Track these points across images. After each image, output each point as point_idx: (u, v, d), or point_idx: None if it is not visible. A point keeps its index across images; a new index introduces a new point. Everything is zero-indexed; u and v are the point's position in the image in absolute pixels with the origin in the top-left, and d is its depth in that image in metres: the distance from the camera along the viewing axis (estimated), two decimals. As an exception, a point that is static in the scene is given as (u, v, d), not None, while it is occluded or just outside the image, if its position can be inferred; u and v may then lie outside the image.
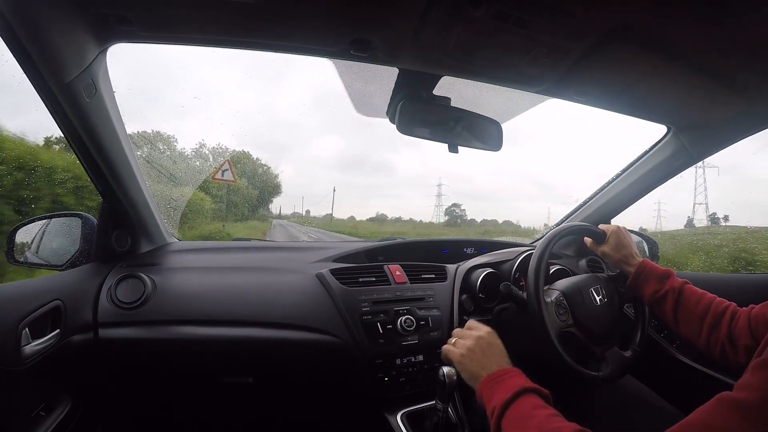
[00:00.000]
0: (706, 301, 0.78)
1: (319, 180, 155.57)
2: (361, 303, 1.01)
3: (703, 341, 0.76)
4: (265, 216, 22.47)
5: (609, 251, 0.91)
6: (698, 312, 0.77)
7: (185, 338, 0.92)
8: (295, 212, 37.63)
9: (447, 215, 48.20)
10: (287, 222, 25.79)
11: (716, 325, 0.74)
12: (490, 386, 0.61)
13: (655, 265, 0.85)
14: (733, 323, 0.73)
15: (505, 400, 0.56)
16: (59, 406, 0.87)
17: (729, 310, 0.75)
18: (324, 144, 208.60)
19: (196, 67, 66.11)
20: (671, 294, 0.81)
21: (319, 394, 1.12)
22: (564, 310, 0.87)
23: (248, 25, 0.69)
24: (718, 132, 1.00)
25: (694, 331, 0.77)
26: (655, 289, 0.83)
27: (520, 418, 0.55)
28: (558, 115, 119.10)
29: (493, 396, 0.59)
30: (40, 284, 0.85)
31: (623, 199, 1.31)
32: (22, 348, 0.73)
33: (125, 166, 0.92)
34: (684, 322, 0.79)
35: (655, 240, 1.36)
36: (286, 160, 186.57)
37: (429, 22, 0.65)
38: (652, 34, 0.66)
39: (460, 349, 0.71)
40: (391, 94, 0.90)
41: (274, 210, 29.99)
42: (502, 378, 0.62)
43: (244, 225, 11.65)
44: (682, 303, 0.79)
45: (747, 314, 0.72)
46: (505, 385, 0.60)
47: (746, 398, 0.42)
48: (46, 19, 0.61)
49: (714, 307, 0.76)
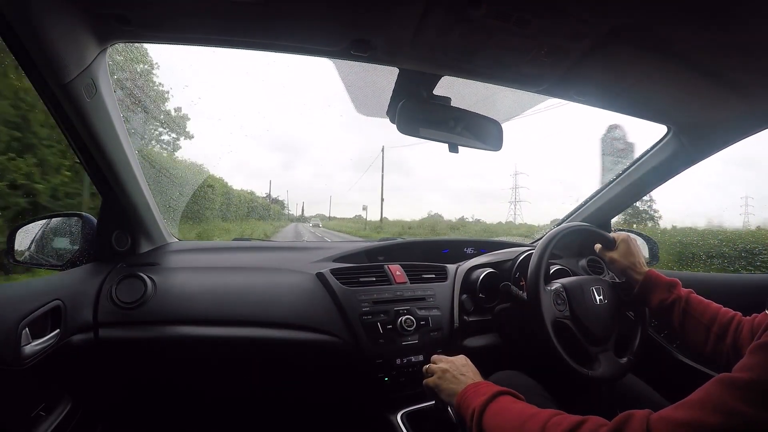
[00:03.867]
0: (712, 311, 0.78)
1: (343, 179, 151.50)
2: (362, 303, 1.01)
3: (710, 350, 0.76)
4: (275, 215, 20.65)
5: (618, 258, 0.92)
6: (705, 321, 0.77)
7: (185, 338, 0.92)
8: (319, 213, 35.19)
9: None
10: (311, 226, 22.71)
11: (722, 334, 0.75)
12: (466, 395, 0.64)
13: (662, 275, 0.86)
14: (738, 332, 0.73)
15: (483, 402, 0.59)
16: (59, 406, 0.87)
17: (735, 319, 0.75)
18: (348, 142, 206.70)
19: (197, 67, 66.11)
20: (678, 303, 0.81)
21: (320, 394, 1.12)
22: (562, 300, 0.88)
23: (248, 25, 0.69)
24: (718, 132, 1.00)
25: (701, 340, 0.78)
26: (662, 298, 0.83)
27: (499, 411, 0.58)
28: (558, 115, 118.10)
29: (471, 401, 0.62)
30: (40, 284, 0.85)
31: (623, 199, 1.31)
32: (22, 348, 0.73)
33: (125, 166, 0.92)
34: (691, 331, 0.79)
35: (656, 240, 1.37)
36: (307, 160, 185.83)
37: (429, 22, 0.65)
38: (652, 34, 0.66)
39: (436, 372, 0.74)
40: (392, 94, 0.90)
41: (295, 210, 27.59)
42: (477, 386, 0.65)
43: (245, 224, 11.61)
44: (689, 312, 0.80)
45: (750, 323, 0.72)
46: (481, 390, 0.63)
47: (745, 378, 0.42)
48: (46, 19, 0.61)
49: (720, 316, 0.77)
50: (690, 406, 0.44)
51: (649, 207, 12.39)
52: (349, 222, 32.66)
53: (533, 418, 0.53)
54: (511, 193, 36.40)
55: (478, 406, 0.59)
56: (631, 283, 0.90)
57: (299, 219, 28.50)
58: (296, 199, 28.39)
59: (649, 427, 0.44)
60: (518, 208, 35.50)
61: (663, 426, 0.44)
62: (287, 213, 26.34)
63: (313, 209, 34.00)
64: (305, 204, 34.99)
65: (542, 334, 0.83)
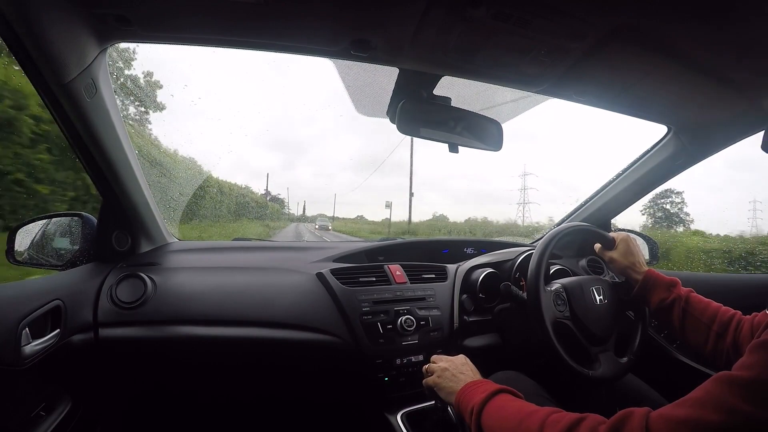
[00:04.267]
0: (712, 310, 0.78)
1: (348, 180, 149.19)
2: (362, 303, 1.01)
3: (710, 349, 0.76)
4: (274, 215, 19.60)
5: (617, 257, 0.92)
6: (705, 320, 0.77)
7: (185, 338, 0.92)
8: (321, 213, 34.02)
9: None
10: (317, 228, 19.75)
11: (723, 333, 0.75)
12: (465, 393, 0.64)
13: (662, 274, 0.86)
14: (738, 331, 0.73)
15: (482, 399, 0.60)
16: (59, 406, 0.87)
17: (735, 318, 0.75)
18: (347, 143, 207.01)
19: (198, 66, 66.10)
20: (678, 302, 0.81)
21: (319, 394, 1.12)
22: (562, 301, 0.89)
23: (248, 25, 0.69)
24: (718, 132, 1.00)
25: (701, 339, 0.78)
26: (662, 297, 0.83)
27: (498, 409, 0.58)
28: (557, 115, 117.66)
29: (471, 399, 0.62)
30: (40, 284, 0.85)
31: (623, 199, 1.31)
32: (22, 348, 0.72)
33: (125, 166, 0.92)
34: (691, 330, 0.79)
35: (656, 240, 1.37)
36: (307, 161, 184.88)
37: (429, 22, 0.65)
38: (652, 34, 0.66)
39: (435, 371, 0.74)
40: (392, 94, 0.90)
41: (295, 209, 26.02)
42: (476, 384, 0.65)
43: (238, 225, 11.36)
44: (689, 311, 0.80)
45: (750, 322, 0.72)
46: (480, 388, 0.63)
47: (744, 376, 0.42)
48: (46, 18, 0.61)
49: (720, 315, 0.77)
50: (690, 404, 0.44)
51: (679, 209, 11.83)
52: (358, 223, 31.55)
53: (532, 415, 0.54)
54: (519, 195, 33.89)
55: (477, 404, 0.59)
56: (630, 282, 0.90)
57: (300, 219, 27.70)
58: (297, 198, 28.03)
59: (648, 425, 0.44)
60: (527, 210, 33.23)
61: (662, 424, 0.44)
62: (287, 212, 25.74)
63: (312, 208, 33.13)
64: (306, 203, 34.76)
65: (542, 334, 0.83)
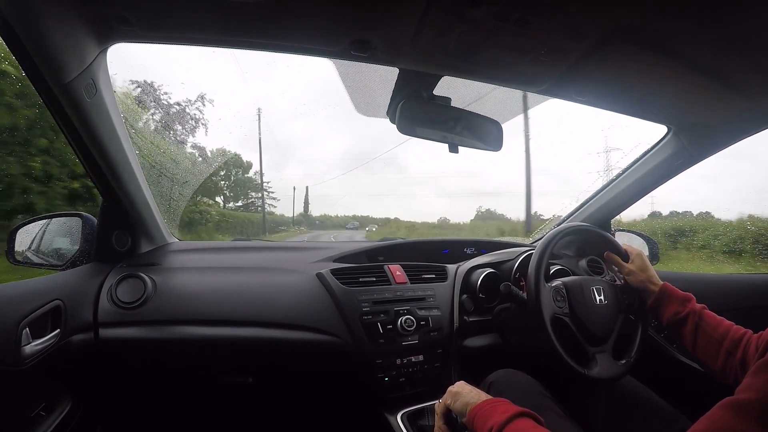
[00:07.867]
0: (724, 327, 0.78)
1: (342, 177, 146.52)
2: (362, 303, 1.01)
3: (720, 366, 0.76)
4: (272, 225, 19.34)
5: (636, 271, 0.93)
6: (716, 337, 0.77)
7: (185, 338, 0.92)
8: (324, 214, 33.32)
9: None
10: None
11: (733, 351, 0.75)
12: (484, 408, 0.63)
13: (677, 289, 0.87)
14: (746, 349, 0.73)
15: (503, 421, 0.58)
16: (59, 406, 0.87)
17: (745, 336, 0.75)
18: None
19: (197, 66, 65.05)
20: (692, 317, 0.81)
21: (319, 394, 1.12)
22: (562, 297, 0.89)
23: (248, 25, 0.69)
24: (718, 132, 1.00)
25: (712, 355, 0.78)
26: (676, 311, 0.83)
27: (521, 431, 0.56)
28: (558, 115, 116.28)
29: (490, 417, 0.61)
30: (40, 284, 0.85)
31: (623, 199, 1.31)
32: (23, 348, 0.73)
33: (125, 166, 0.92)
34: (702, 346, 0.80)
35: (656, 240, 1.37)
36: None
37: (429, 23, 0.65)
38: (652, 34, 0.66)
39: (447, 394, 0.72)
40: (392, 94, 0.90)
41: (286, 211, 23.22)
42: (496, 403, 0.64)
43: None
44: (702, 327, 0.80)
45: (756, 339, 0.72)
46: (500, 408, 0.62)
47: (747, 398, 0.42)
48: (47, 18, 0.61)
49: (732, 333, 0.77)
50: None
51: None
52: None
53: None
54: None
55: (497, 425, 0.58)
56: (646, 294, 0.91)
57: (306, 218, 25.87)
58: (297, 198, 27.12)
59: None
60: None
61: None
62: (292, 217, 24.29)
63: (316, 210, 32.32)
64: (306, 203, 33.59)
65: (541, 331, 0.84)
